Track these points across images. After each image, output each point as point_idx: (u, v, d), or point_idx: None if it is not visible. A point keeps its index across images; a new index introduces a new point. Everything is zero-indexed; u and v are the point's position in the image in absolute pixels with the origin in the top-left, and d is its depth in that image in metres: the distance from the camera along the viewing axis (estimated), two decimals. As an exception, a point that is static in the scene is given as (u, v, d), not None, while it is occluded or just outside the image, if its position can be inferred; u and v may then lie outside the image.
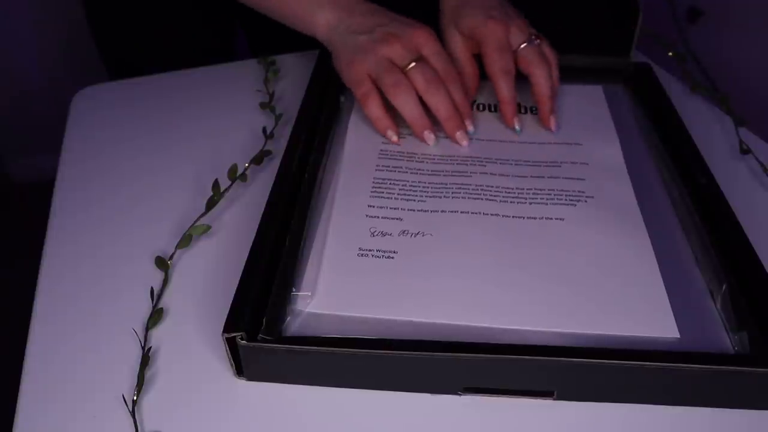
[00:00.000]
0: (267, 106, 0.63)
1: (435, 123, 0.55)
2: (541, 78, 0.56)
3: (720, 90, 0.66)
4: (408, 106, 0.54)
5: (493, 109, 0.61)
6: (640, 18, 0.63)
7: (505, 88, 0.56)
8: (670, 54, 0.67)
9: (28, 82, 1.54)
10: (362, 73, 0.54)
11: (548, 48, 0.59)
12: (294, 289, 0.43)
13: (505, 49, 0.56)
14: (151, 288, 0.45)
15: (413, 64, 0.54)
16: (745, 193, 0.53)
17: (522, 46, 0.57)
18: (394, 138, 0.55)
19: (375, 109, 0.55)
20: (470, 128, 0.56)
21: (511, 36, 0.57)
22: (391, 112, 0.55)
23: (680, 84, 0.67)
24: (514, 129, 0.57)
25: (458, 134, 0.55)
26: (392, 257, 0.45)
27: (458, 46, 0.59)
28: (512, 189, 0.51)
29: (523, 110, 0.60)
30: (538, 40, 0.58)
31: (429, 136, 0.55)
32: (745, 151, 0.57)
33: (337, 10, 0.58)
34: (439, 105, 0.54)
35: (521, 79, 0.57)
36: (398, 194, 0.50)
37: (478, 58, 0.58)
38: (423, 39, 0.54)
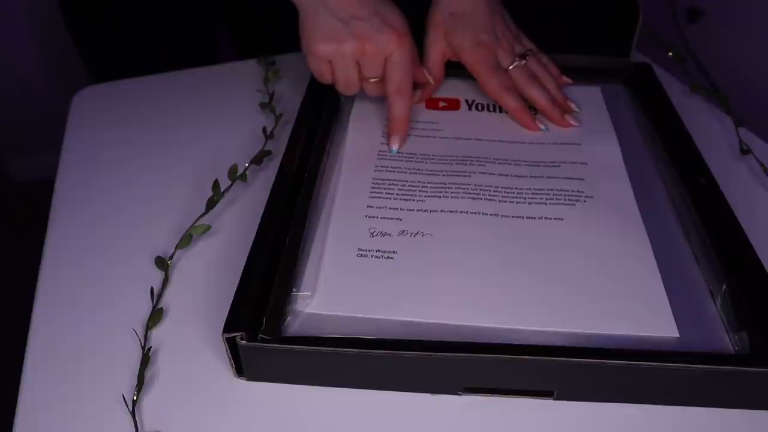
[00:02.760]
0: (267, 106, 0.63)
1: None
2: (534, 95, 0.58)
3: (720, 90, 0.66)
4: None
5: (492, 109, 0.61)
6: (640, 18, 0.64)
7: (510, 101, 0.58)
8: (670, 54, 0.67)
9: (28, 82, 1.54)
10: (325, 64, 0.54)
11: (536, 64, 0.60)
12: (294, 289, 0.43)
13: (497, 68, 0.58)
14: (151, 288, 0.45)
15: (373, 80, 0.55)
16: (745, 193, 0.53)
17: (509, 68, 0.58)
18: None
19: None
20: (395, 146, 0.55)
21: (498, 60, 0.58)
22: None
23: (680, 84, 0.67)
24: (539, 131, 0.58)
25: (395, 142, 0.55)
26: (392, 257, 0.45)
27: (437, 50, 0.59)
28: (511, 189, 0.51)
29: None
30: (524, 60, 0.59)
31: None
32: (745, 151, 0.57)
33: None
34: (393, 115, 0.55)
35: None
36: (397, 194, 0.50)
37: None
38: (394, 45, 0.53)
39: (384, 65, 0.54)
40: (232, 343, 0.39)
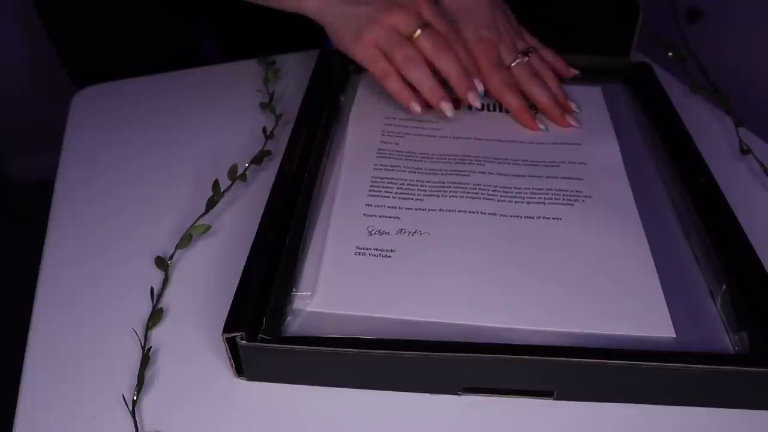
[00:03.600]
0: (267, 106, 0.63)
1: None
2: (536, 93, 0.58)
3: (720, 90, 0.66)
4: (423, 80, 0.54)
5: (491, 108, 0.61)
6: (640, 18, 0.64)
7: (512, 99, 0.57)
8: (670, 54, 0.67)
9: (28, 82, 1.54)
10: (373, 49, 0.54)
11: (539, 61, 0.60)
12: (294, 289, 0.43)
13: (500, 65, 0.58)
14: (151, 288, 0.45)
15: (419, 31, 0.53)
16: (745, 193, 0.53)
17: (512, 65, 0.58)
18: (418, 109, 0.55)
19: (395, 84, 0.55)
20: (480, 87, 0.56)
21: (501, 56, 0.58)
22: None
23: (680, 84, 0.67)
24: (539, 130, 0.57)
25: (470, 95, 0.55)
26: (390, 256, 0.45)
27: None
28: (510, 188, 0.51)
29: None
30: (527, 57, 0.59)
31: (446, 106, 0.55)
32: (745, 151, 0.57)
33: None
34: (450, 69, 0.54)
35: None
36: (396, 193, 0.50)
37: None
38: (421, 2, 0.54)
39: (421, 18, 0.54)
40: (232, 343, 0.39)
